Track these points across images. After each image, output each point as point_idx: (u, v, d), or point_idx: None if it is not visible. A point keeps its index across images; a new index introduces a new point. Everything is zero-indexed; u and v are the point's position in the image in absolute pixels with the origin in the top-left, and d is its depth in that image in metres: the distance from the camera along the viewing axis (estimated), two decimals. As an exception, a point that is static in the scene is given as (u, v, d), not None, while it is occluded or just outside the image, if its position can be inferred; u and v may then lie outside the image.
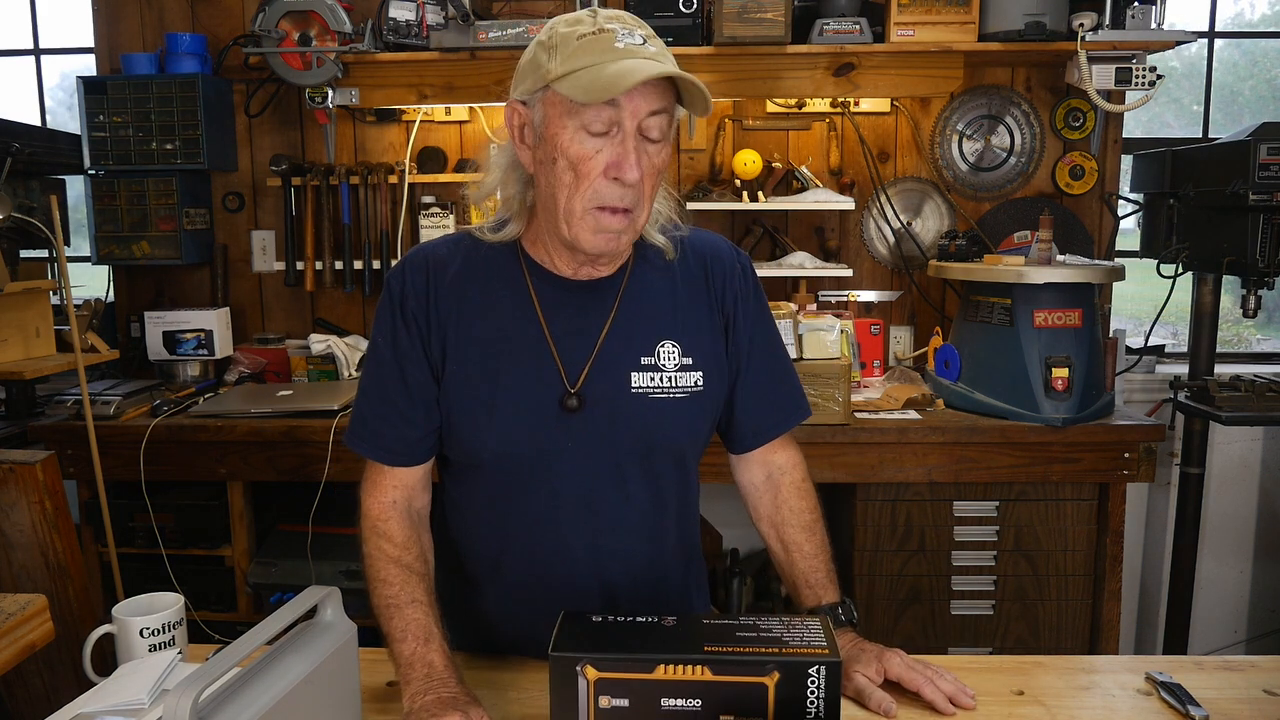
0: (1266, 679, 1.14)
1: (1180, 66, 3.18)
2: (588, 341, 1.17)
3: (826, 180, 2.81)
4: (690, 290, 1.23)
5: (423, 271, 1.19)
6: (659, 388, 1.18)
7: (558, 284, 1.18)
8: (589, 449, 1.16)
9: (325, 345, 2.73)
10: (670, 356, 1.19)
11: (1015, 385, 2.28)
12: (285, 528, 2.48)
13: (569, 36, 1.05)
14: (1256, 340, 3.38)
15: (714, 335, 1.23)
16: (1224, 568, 3.01)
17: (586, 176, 1.06)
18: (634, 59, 1.03)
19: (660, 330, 1.19)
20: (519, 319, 1.17)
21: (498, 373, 1.16)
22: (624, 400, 1.17)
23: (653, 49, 1.05)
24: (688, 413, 1.19)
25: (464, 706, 0.98)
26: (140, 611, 1.12)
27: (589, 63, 1.03)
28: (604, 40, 1.03)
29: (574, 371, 1.16)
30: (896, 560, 2.34)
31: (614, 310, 1.19)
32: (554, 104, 1.06)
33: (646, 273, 1.22)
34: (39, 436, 2.35)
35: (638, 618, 0.99)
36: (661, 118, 1.06)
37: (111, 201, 2.73)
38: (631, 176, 1.05)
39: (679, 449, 1.22)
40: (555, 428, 1.15)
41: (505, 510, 1.19)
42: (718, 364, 1.22)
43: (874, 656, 1.12)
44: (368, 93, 2.65)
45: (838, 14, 2.46)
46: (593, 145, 1.05)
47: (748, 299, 1.26)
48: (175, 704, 0.74)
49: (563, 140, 1.05)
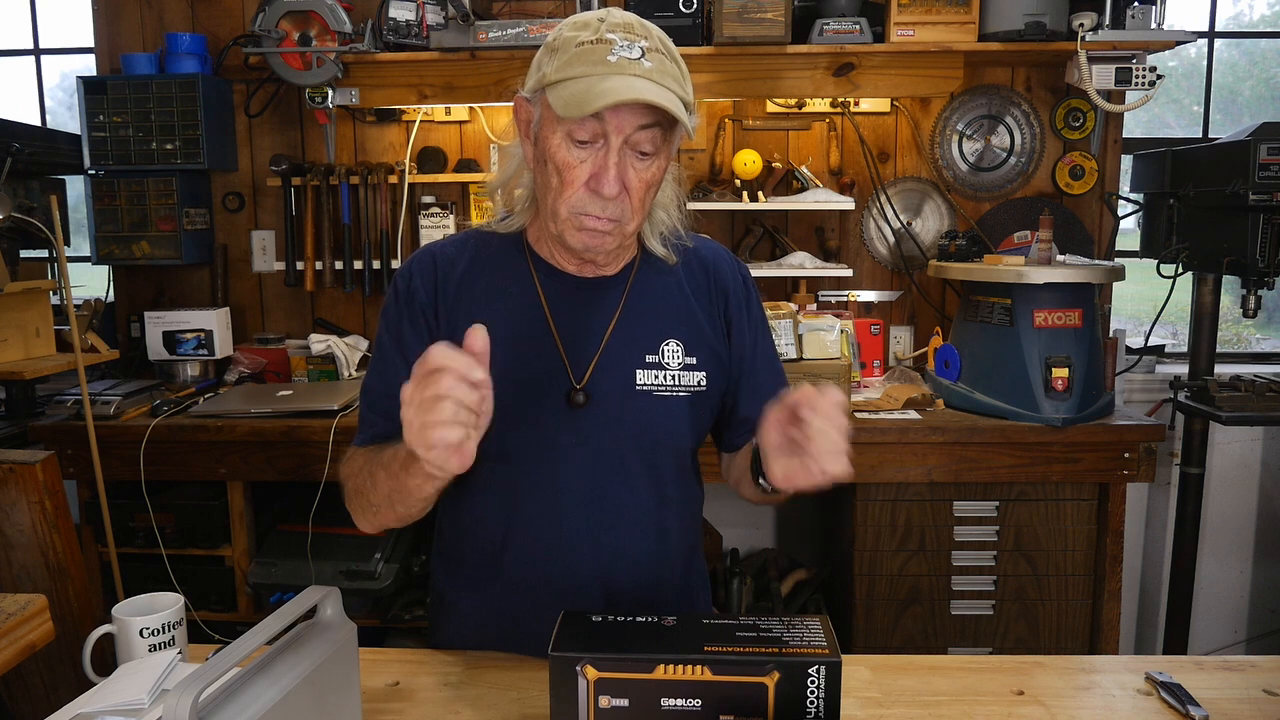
0: (1266, 679, 1.14)
1: (1180, 66, 3.18)
2: (593, 338, 1.18)
3: (826, 180, 2.81)
4: (694, 292, 1.24)
5: (430, 270, 1.20)
6: (663, 386, 1.19)
7: (564, 281, 1.20)
8: (594, 445, 1.17)
9: (325, 345, 2.73)
10: (674, 355, 1.20)
11: (1015, 385, 2.28)
12: (285, 528, 2.48)
13: (570, 42, 1.05)
14: (1256, 340, 3.38)
15: (716, 338, 1.24)
16: (1224, 568, 3.01)
17: (570, 185, 1.07)
18: (622, 76, 1.01)
19: (665, 329, 1.21)
20: (526, 315, 1.18)
21: (504, 368, 1.16)
22: (629, 397, 1.18)
23: (648, 64, 1.03)
24: (691, 411, 1.20)
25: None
26: (140, 611, 1.12)
27: (578, 74, 1.03)
28: (599, 52, 1.03)
29: (579, 368, 1.17)
30: (896, 560, 2.34)
31: (619, 308, 1.20)
32: (547, 108, 1.07)
33: (651, 273, 1.23)
34: (39, 436, 2.35)
35: (638, 618, 0.99)
36: (653, 132, 1.05)
37: (111, 201, 2.73)
38: (609, 191, 1.05)
39: (682, 447, 1.23)
40: (561, 423, 1.16)
41: (509, 505, 1.19)
42: (719, 366, 1.24)
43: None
44: (368, 93, 2.65)
45: (838, 14, 2.46)
46: (577, 155, 1.06)
47: (749, 309, 1.28)
48: (175, 704, 0.74)
49: (551, 145, 1.07)
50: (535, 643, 1.08)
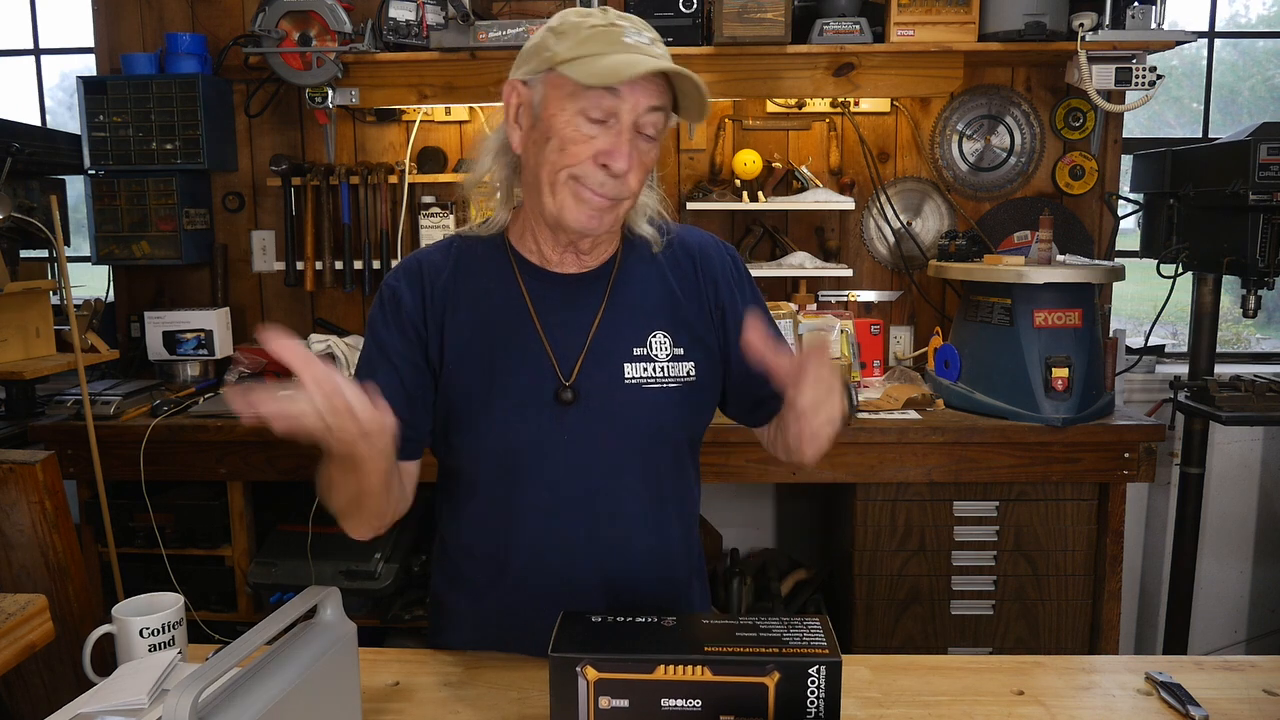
0: (1266, 679, 1.14)
1: (1180, 66, 3.18)
2: (579, 334, 1.18)
3: (826, 180, 2.81)
4: (680, 282, 1.24)
5: (416, 277, 1.20)
6: (652, 378, 1.19)
7: (547, 278, 1.20)
8: (585, 441, 1.17)
9: (325, 345, 2.73)
10: (662, 347, 1.20)
11: (1015, 385, 2.28)
12: (285, 528, 2.48)
13: (580, 25, 1.08)
14: (1256, 340, 3.38)
15: (705, 327, 1.24)
16: (1224, 568, 3.01)
17: (576, 157, 1.08)
18: (641, 54, 1.06)
19: (651, 321, 1.21)
20: (510, 314, 1.18)
21: (492, 369, 1.17)
22: (618, 391, 1.18)
23: (659, 50, 1.09)
24: (682, 402, 1.20)
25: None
26: (140, 611, 1.12)
27: (597, 50, 1.05)
28: (614, 33, 1.07)
29: (567, 364, 1.17)
30: (896, 560, 2.34)
31: (604, 302, 1.20)
32: (556, 85, 1.08)
33: (635, 264, 1.23)
34: (39, 436, 2.35)
35: (637, 618, 0.99)
36: (658, 115, 1.09)
37: (111, 201, 2.73)
38: (620, 166, 1.07)
39: (674, 439, 1.23)
40: (551, 421, 1.16)
41: (505, 505, 1.19)
42: (709, 355, 1.23)
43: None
44: (368, 93, 2.65)
45: (838, 14, 2.46)
46: (588, 131, 1.07)
47: (741, 286, 1.28)
48: (175, 704, 0.74)
49: (559, 122, 1.08)
50: (535, 643, 1.07)
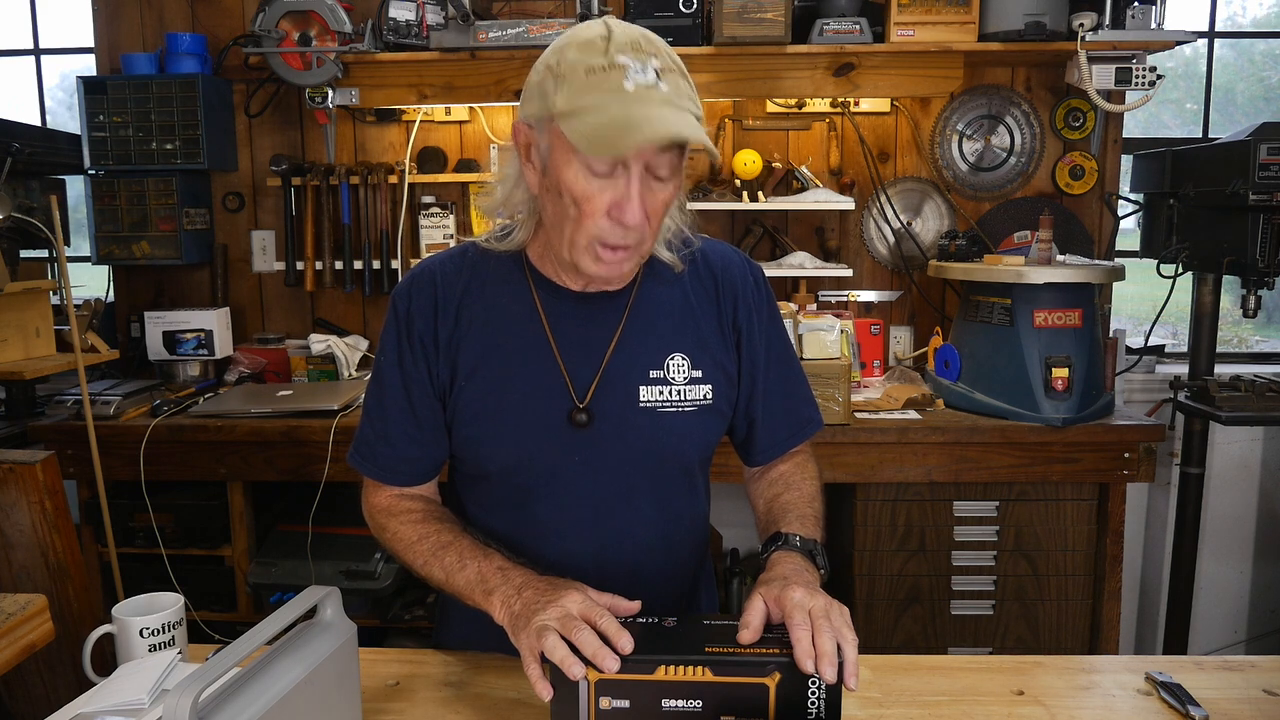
0: (1266, 679, 1.13)
1: (1178, 66, 3.18)
2: (595, 355, 1.15)
3: (826, 180, 2.81)
4: (699, 302, 1.21)
5: (429, 290, 1.17)
6: (668, 401, 1.16)
7: (565, 296, 1.17)
8: (597, 464, 1.15)
9: (325, 345, 2.73)
10: (680, 370, 1.17)
11: (1015, 385, 2.28)
12: (285, 528, 2.48)
13: (577, 67, 0.99)
14: (1256, 340, 3.38)
15: (723, 348, 1.21)
16: (1224, 568, 3.01)
17: (590, 215, 1.02)
18: (644, 106, 0.97)
19: (669, 343, 1.18)
20: (526, 333, 1.15)
21: (506, 388, 1.15)
22: (632, 415, 1.15)
23: (665, 88, 0.99)
24: (697, 426, 1.18)
25: (568, 586, 0.99)
26: (140, 611, 1.12)
27: (595, 104, 0.97)
28: (613, 79, 0.97)
29: (581, 386, 1.15)
30: (896, 560, 2.34)
31: (622, 323, 1.17)
32: (559, 137, 1.01)
33: (654, 285, 1.19)
34: (39, 436, 2.35)
35: (638, 618, 0.99)
36: (670, 154, 1.02)
37: (111, 201, 2.73)
38: (632, 219, 1.01)
39: (688, 462, 1.21)
40: (563, 443, 1.14)
41: (512, 521, 1.18)
42: (726, 376, 1.21)
43: (783, 585, 0.99)
44: (368, 93, 2.65)
45: (838, 14, 2.46)
46: (596, 185, 1.01)
47: (761, 311, 1.24)
48: (175, 704, 0.74)
49: (566, 177, 1.02)
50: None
